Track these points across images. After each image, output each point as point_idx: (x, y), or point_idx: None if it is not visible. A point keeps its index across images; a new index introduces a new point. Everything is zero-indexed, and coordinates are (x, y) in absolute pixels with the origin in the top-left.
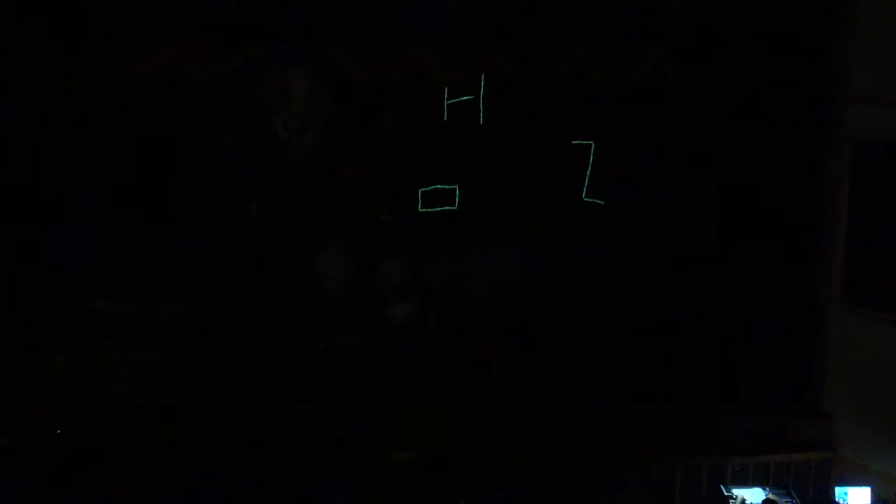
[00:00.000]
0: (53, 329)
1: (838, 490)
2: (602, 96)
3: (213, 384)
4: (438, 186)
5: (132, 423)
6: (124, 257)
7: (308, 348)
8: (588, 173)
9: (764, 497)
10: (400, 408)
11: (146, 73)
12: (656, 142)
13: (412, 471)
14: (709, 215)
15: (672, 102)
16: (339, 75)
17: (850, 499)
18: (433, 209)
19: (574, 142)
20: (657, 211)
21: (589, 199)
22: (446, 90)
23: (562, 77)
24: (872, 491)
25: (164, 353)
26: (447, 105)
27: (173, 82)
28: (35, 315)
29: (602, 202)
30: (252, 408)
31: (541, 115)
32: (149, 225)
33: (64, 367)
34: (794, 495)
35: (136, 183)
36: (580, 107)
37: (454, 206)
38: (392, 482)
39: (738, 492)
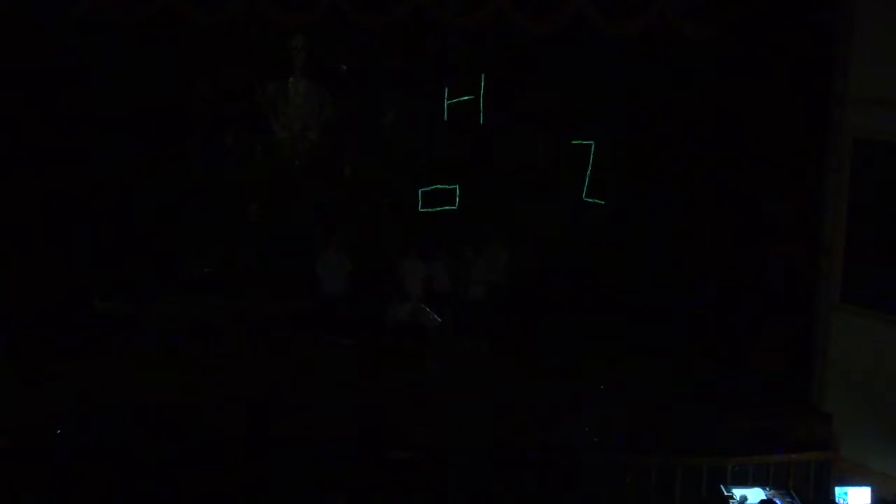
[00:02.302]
0: (54, 329)
1: (838, 490)
2: (602, 75)
3: (213, 384)
4: (438, 186)
5: (132, 424)
6: (124, 257)
7: (308, 348)
8: (588, 173)
9: (764, 497)
10: (400, 408)
11: (144, 19)
12: (655, 140)
13: (412, 471)
14: (708, 215)
15: (671, 95)
16: (339, 20)
17: (850, 499)
18: (433, 209)
19: (574, 142)
20: (655, 210)
21: (589, 199)
22: (447, 90)
23: (563, 24)
24: (872, 491)
25: (163, 353)
26: (447, 105)
27: (175, 92)
28: (35, 316)
29: (602, 202)
30: (252, 408)
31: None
32: (149, 225)
33: (64, 368)
34: (794, 495)
35: (136, 183)
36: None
37: (454, 206)
38: (392, 482)
39: (738, 492)
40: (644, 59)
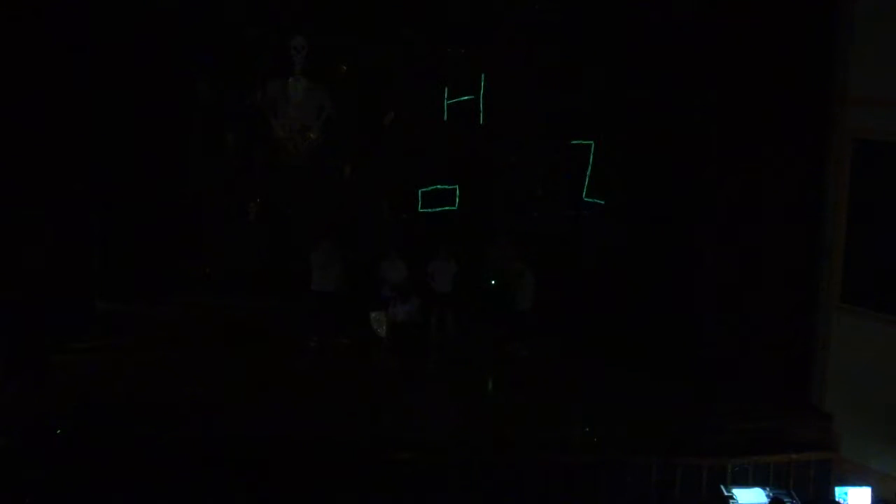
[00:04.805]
0: (53, 329)
1: (838, 490)
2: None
3: (213, 384)
4: (438, 186)
5: (132, 424)
6: (124, 257)
7: (307, 348)
8: (588, 173)
9: (767, 498)
10: (400, 408)
11: None
12: (654, 141)
13: (412, 471)
14: (708, 215)
15: (671, 96)
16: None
17: (850, 499)
18: (433, 209)
19: (574, 142)
20: (655, 212)
21: (589, 199)
22: (446, 90)
23: None
24: (872, 491)
25: (163, 353)
26: (447, 105)
27: (175, 92)
28: (35, 315)
29: (602, 202)
30: (252, 407)
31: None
32: (149, 225)
33: (64, 367)
34: (794, 495)
35: (137, 183)
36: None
37: (454, 206)
38: (392, 482)
39: (738, 492)
40: (644, 58)
